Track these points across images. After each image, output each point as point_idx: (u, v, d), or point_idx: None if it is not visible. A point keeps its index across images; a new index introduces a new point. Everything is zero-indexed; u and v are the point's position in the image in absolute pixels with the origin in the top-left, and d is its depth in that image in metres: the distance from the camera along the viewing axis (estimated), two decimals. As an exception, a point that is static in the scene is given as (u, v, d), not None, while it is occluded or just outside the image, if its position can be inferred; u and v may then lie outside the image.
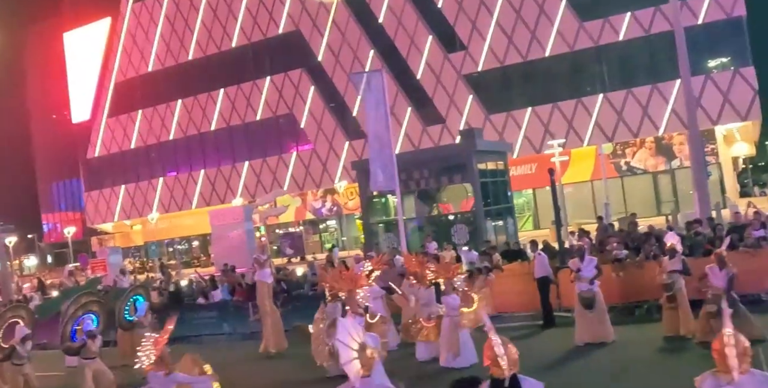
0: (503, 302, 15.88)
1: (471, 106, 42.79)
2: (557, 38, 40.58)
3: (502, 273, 16.07)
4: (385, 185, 17.62)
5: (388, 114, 17.85)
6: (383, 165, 17.12)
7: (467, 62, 43.17)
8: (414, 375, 11.70)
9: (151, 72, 55.62)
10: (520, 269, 16.27)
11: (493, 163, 26.08)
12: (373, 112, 17.74)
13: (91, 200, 61.05)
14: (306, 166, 48.50)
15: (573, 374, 11.21)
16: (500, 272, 16.00)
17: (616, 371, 11.15)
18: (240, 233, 30.87)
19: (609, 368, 11.39)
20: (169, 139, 54.74)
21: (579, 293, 12.44)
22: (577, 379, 10.89)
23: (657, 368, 11.01)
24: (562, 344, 13.05)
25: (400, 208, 18.36)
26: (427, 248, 18.71)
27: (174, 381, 8.09)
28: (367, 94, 17.71)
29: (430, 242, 19.36)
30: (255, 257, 14.89)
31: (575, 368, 11.58)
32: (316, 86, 47.97)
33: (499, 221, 26.57)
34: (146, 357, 8.02)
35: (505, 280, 16.00)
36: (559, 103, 40.57)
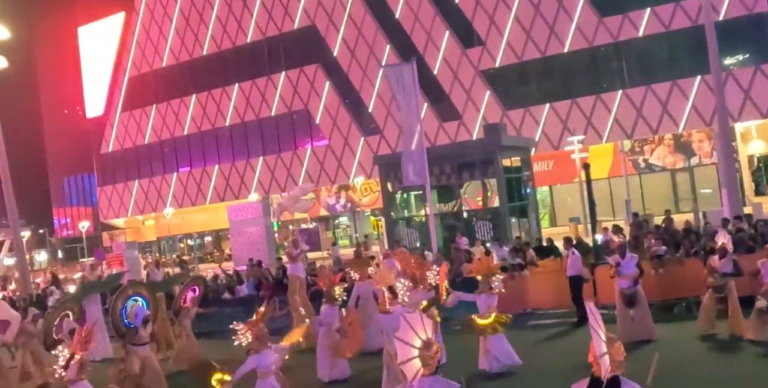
0: (537, 299, 15.65)
1: (488, 102, 42.48)
2: (576, 34, 40.20)
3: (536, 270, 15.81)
4: (416, 180, 17.36)
5: (419, 107, 17.56)
6: (414, 159, 16.86)
7: (485, 58, 42.85)
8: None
9: (165, 67, 55.46)
10: (552, 265, 16.03)
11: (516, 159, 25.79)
12: (404, 105, 17.46)
13: (104, 194, 61.00)
14: (321, 162, 48.29)
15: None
16: (535, 269, 15.74)
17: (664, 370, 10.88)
18: (259, 229, 30.60)
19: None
20: (183, 135, 54.59)
21: (620, 290, 12.19)
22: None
23: (706, 366, 10.77)
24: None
25: (430, 203, 18.08)
26: (458, 243, 18.49)
27: (277, 351, 8.62)
28: (399, 87, 17.43)
29: (461, 238, 19.14)
30: (287, 252, 14.69)
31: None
32: (332, 82, 47.73)
33: (522, 218, 26.33)
34: (244, 337, 8.41)
35: (539, 277, 15.77)
36: (578, 99, 40.23)
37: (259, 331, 8.47)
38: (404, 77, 17.61)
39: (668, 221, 16.67)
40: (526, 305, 15.65)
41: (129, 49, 57.86)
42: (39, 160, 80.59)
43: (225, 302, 19.56)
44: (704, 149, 39.89)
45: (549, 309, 15.76)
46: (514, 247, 17.25)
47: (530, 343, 13.35)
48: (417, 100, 17.40)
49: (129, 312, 12.72)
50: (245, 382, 10.29)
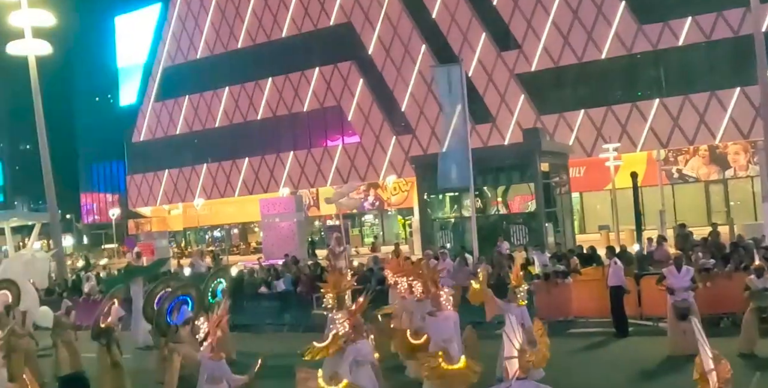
0: (579, 307, 15.56)
1: (522, 106, 42.31)
2: (614, 40, 39.92)
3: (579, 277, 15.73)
4: (459, 182, 17.31)
5: (466, 108, 17.50)
6: (458, 161, 16.80)
7: (521, 61, 42.68)
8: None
9: (199, 59, 55.74)
10: (595, 274, 15.91)
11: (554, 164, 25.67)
12: (449, 106, 17.40)
13: (133, 183, 61.44)
14: (351, 159, 48.34)
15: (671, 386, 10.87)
16: (578, 276, 15.66)
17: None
18: (290, 223, 30.76)
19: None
20: (214, 127, 54.84)
21: (673, 303, 12.08)
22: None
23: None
24: (650, 354, 12.71)
25: (473, 205, 18.03)
26: (500, 248, 18.42)
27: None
28: (446, 88, 17.38)
29: (502, 242, 19.07)
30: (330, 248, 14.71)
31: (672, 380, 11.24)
32: (365, 80, 47.74)
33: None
34: (341, 326, 8.56)
35: (581, 285, 15.67)
36: (614, 106, 39.97)
37: (356, 321, 8.64)
38: (452, 77, 17.54)
39: (715, 234, 16.52)
40: (569, 313, 15.58)
41: (165, 40, 58.19)
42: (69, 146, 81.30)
43: (262, 296, 19.64)
44: (740, 162, 39.51)
45: (591, 318, 15.67)
46: (555, 253, 17.16)
47: (569, 351, 13.28)
48: (464, 101, 17.30)
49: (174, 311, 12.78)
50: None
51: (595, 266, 16.51)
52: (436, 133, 44.52)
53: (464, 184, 17.41)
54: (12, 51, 26.63)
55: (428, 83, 45.07)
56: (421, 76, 45.33)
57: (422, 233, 26.22)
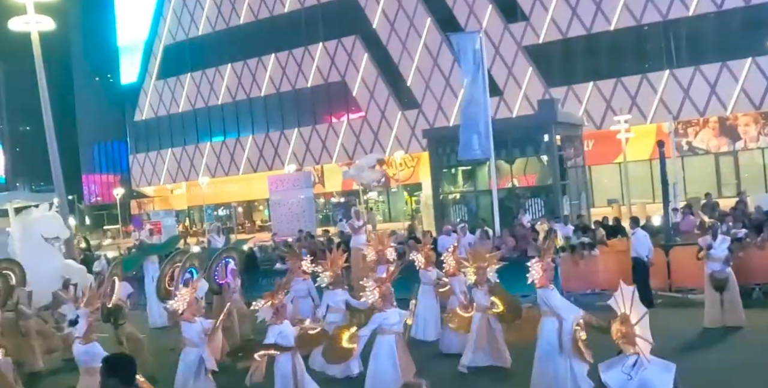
0: (606, 279, 15.23)
1: (530, 79, 41.77)
2: (623, 11, 39.27)
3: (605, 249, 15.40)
4: (480, 153, 16.89)
5: (485, 78, 17.04)
6: (479, 132, 16.39)
7: (528, 33, 42.09)
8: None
9: (201, 35, 55.03)
10: (620, 245, 15.58)
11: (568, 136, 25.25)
12: (470, 75, 16.94)
13: (137, 162, 61.00)
14: (357, 135, 47.88)
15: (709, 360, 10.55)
16: (604, 248, 15.34)
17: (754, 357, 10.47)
18: (300, 200, 30.42)
19: (744, 354, 10.71)
20: (217, 104, 54.30)
21: (711, 273, 11.75)
22: (716, 365, 10.25)
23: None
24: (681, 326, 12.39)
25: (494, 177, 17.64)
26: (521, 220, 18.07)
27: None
28: (465, 57, 16.91)
29: (523, 215, 18.72)
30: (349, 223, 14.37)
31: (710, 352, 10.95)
32: (370, 54, 47.15)
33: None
34: (371, 294, 8.77)
35: (607, 256, 15.35)
36: (623, 78, 39.43)
37: (386, 289, 8.74)
38: (470, 46, 17.07)
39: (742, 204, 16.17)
40: (595, 285, 15.27)
41: (165, 17, 57.41)
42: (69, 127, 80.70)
43: (276, 272, 19.30)
44: (750, 133, 39.05)
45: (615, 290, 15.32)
46: (578, 225, 16.82)
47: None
48: (483, 70, 16.84)
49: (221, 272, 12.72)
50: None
51: (620, 237, 16.17)
52: (443, 108, 44.17)
53: (485, 156, 17.00)
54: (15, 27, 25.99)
55: (434, 57, 44.57)
56: (426, 49, 44.74)
57: (435, 207, 25.85)
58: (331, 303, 10.98)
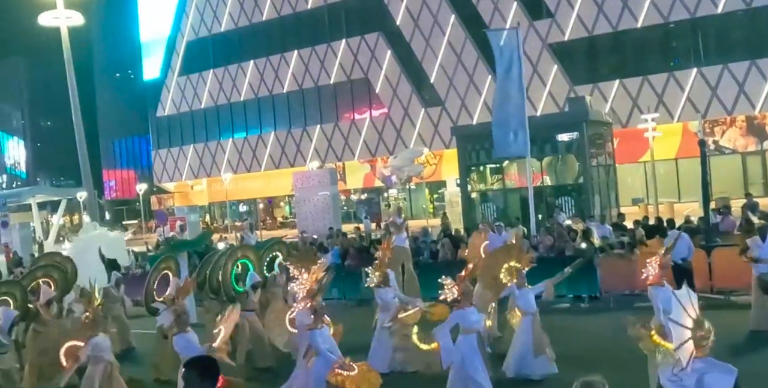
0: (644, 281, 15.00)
1: (555, 77, 41.47)
2: (651, 8, 38.90)
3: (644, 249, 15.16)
4: (518, 150, 16.71)
5: (521, 75, 16.85)
6: (514, 128, 16.22)
7: (553, 31, 41.78)
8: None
9: (223, 31, 55.06)
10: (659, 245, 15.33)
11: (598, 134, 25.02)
12: (506, 71, 16.76)
13: (159, 158, 61.17)
14: (379, 132, 47.77)
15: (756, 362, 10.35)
16: (644, 248, 15.09)
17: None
18: (325, 196, 30.34)
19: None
20: (239, 100, 54.34)
21: (758, 275, 11.54)
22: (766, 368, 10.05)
23: None
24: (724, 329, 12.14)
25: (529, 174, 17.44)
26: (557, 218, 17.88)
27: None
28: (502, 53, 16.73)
29: (559, 213, 18.53)
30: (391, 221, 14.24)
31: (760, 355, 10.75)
32: (393, 51, 46.99)
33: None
34: (450, 292, 8.54)
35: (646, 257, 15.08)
36: (650, 76, 39.06)
37: (465, 287, 8.60)
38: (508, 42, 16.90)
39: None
40: (634, 286, 15.04)
41: (188, 14, 57.50)
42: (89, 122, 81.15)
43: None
44: (779, 132, 38.64)
45: (656, 291, 15.12)
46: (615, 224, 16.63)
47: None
48: (521, 67, 16.65)
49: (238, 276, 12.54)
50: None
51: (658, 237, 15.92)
52: (466, 105, 43.97)
53: (522, 153, 16.82)
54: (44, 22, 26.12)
55: (458, 54, 44.36)
56: (450, 46, 44.55)
57: (463, 205, 25.69)
58: (382, 302, 10.87)
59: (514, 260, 10.52)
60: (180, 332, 8.25)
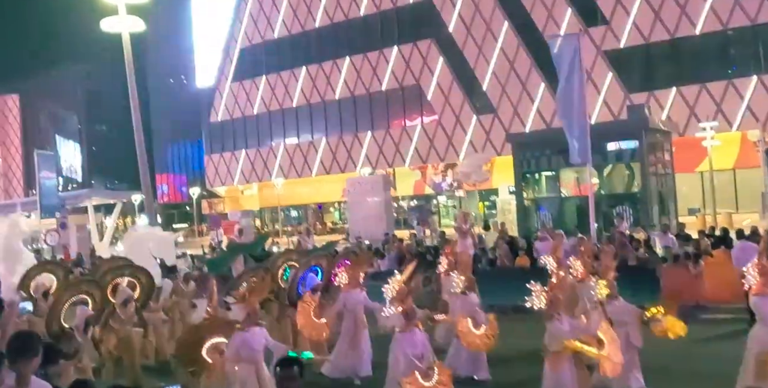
0: (711, 292, 14.72)
1: (610, 85, 40.97)
2: (709, 15, 38.24)
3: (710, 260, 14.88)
4: (580, 158, 16.53)
5: (583, 82, 16.65)
6: (577, 136, 16.06)
7: (608, 38, 41.29)
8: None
9: (276, 38, 55.66)
10: (726, 256, 15.02)
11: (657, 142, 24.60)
12: (568, 78, 16.59)
13: (211, 163, 61.96)
14: (430, 139, 47.73)
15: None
16: (709, 259, 14.82)
17: None
18: (377, 203, 30.39)
19: None
20: (291, 106, 54.82)
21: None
22: None
23: None
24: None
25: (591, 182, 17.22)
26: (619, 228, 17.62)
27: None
28: (563, 59, 16.58)
29: (621, 222, 18.27)
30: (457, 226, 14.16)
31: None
32: (445, 58, 46.95)
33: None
34: (537, 300, 8.15)
35: (713, 268, 14.81)
36: (708, 84, 38.34)
37: (553, 296, 8.21)
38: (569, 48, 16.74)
39: None
40: (699, 298, 14.74)
41: (242, 20, 58.26)
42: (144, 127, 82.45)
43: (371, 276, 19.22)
44: (842, 142, 37.55)
45: (721, 304, 14.79)
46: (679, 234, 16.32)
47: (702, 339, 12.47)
48: (582, 74, 16.46)
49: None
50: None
51: (724, 248, 15.61)
52: (519, 112, 43.69)
53: (585, 160, 16.63)
54: (106, 28, 26.62)
55: (511, 61, 44.12)
56: (503, 54, 44.34)
57: (518, 213, 25.49)
58: (465, 309, 10.73)
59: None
60: (242, 330, 8.24)
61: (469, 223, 14.24)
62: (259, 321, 8.74)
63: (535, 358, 10.86)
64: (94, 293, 11.72)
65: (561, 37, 18.22)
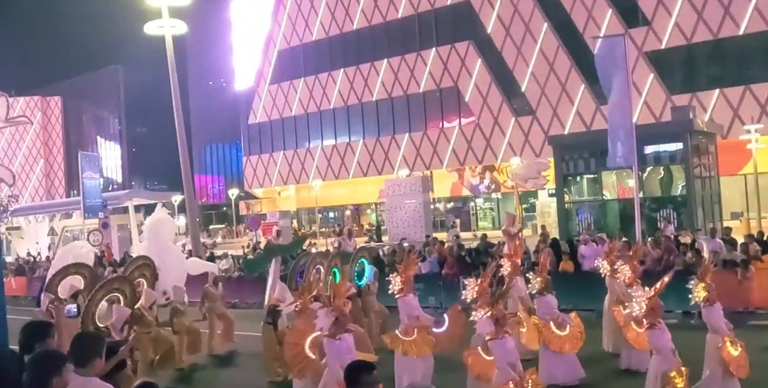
0: (759, 298, 14.44)
1: (651, 86, 40.45)
2: (754, 14, 37.53)
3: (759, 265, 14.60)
4: (624, 160, 16.33)
5: (630, 82, 16.42)
6: (621, 138, 15.86)
7: (650, 38, 40.76)
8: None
9: (314, 40, 55.89)
10: (774, 261, 14.76)
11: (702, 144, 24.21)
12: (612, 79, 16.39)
13: (249, 164, 62.42)
14: (468, 141, 47.54)
15: None
16: (759, 264, 14.54)
17: None
18: (415, 204, 30.35)
19: None
20: (329, 108, 55.00)
21: None
22: None
23: None
24: None
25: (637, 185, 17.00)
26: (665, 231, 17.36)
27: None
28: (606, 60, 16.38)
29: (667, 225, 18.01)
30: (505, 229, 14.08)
31: None
32: (484, 59, 46.75)
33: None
34: (638, 306, 7.96)
35: (762, 273, 14.54)
36: (752, 85, 37.66)
37: (655, 303, 7.94)
38: (613, 49, 16.54)
39: None
40: (747, 304, 14.47)
41: (280, 23, 58.61)
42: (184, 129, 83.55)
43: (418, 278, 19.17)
44: None
45: (772, 309, 14.51)
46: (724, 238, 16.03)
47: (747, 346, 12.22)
48: (628, 74, 16.23)
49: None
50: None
51: (772, 253, 15.32)
52: (558, 114, 43.34)
53: (629, 163, 16.42)
54: (149, 31, 26.97)
55: (550, 62, 43.79)
56: (542, 55, 44.02)
57: (559, 215, 25.26)
58: (543, 310, 10.63)
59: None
60: (333, 338, 8.02)
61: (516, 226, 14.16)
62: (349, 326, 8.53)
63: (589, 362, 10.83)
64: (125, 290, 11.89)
65: (603, 38, 17.92)
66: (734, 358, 9.13)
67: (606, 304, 12.10)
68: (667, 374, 7.64)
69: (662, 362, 7.81)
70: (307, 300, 9.32)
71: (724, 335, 9.13)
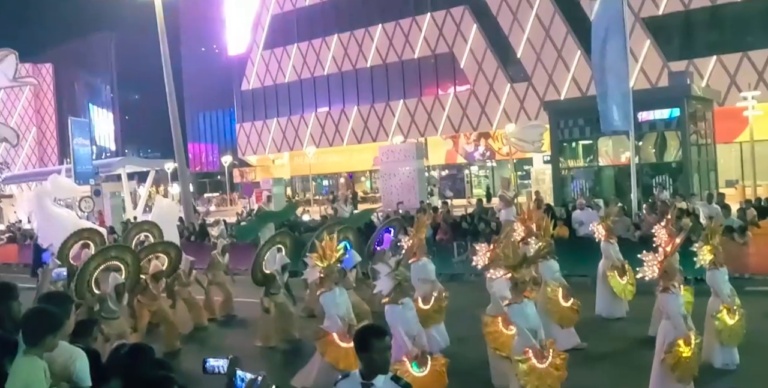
0: (757, 263, 14.36)
1: (648, 52, 40.04)
2: (753, -20, 37.07)
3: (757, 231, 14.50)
4: (621, 125, 16.10)
5: (627, 45, 16.13)
6: (618, 102, 15.60)
7: (647, 4, 40.22)
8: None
9: (308, 5, 55.10)
10: (772, 227, 14.66)
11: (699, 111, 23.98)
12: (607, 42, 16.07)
13: (242, 131, 62.00)
14: (463, 108, 47.18)
15: None
16: (756, 230, 14.44)
17: None
18: (410, 171, 30.15)
19: None
20: (323, 74, 54.45)
21: None
22: None
23: None
24: None
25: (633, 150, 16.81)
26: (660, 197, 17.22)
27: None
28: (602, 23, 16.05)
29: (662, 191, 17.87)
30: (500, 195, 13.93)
31: None
32: (479, 25, 46.19)
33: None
34: (650, 270, 7.74)
35: (759, 239, 14.44)
36: (750, 52, 37.27)
37: (668, 266, 7.78)
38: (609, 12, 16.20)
39: None
40: (744, 269, 14.40)
41: (273, -13, 57.78)
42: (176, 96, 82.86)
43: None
44: None
45: (768, 275, 14.44)
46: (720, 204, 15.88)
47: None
48: (625, 37, 15.92)
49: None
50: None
51: (768, 219, 15.22)
52: (554, 80, 42.95)
53: (626, 127, 16.19)
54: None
55: (546, 28, 43.28)
56: (538, 20, 43.50)
57: (554, 182, 25.11)
58: (547, 275, 10.51)
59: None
60: (393, 302, 7.88)
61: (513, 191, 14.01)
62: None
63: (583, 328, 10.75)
64: (127, 259, 11.72)
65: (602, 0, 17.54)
66: (726, 327, 9.11)
67: (600, 269, 12.02)
68: (675, 341, 7.51)
69: (671, 328, 7.67)
70: (333, 264, 9.14)
71: (724, 301, 9.09)
